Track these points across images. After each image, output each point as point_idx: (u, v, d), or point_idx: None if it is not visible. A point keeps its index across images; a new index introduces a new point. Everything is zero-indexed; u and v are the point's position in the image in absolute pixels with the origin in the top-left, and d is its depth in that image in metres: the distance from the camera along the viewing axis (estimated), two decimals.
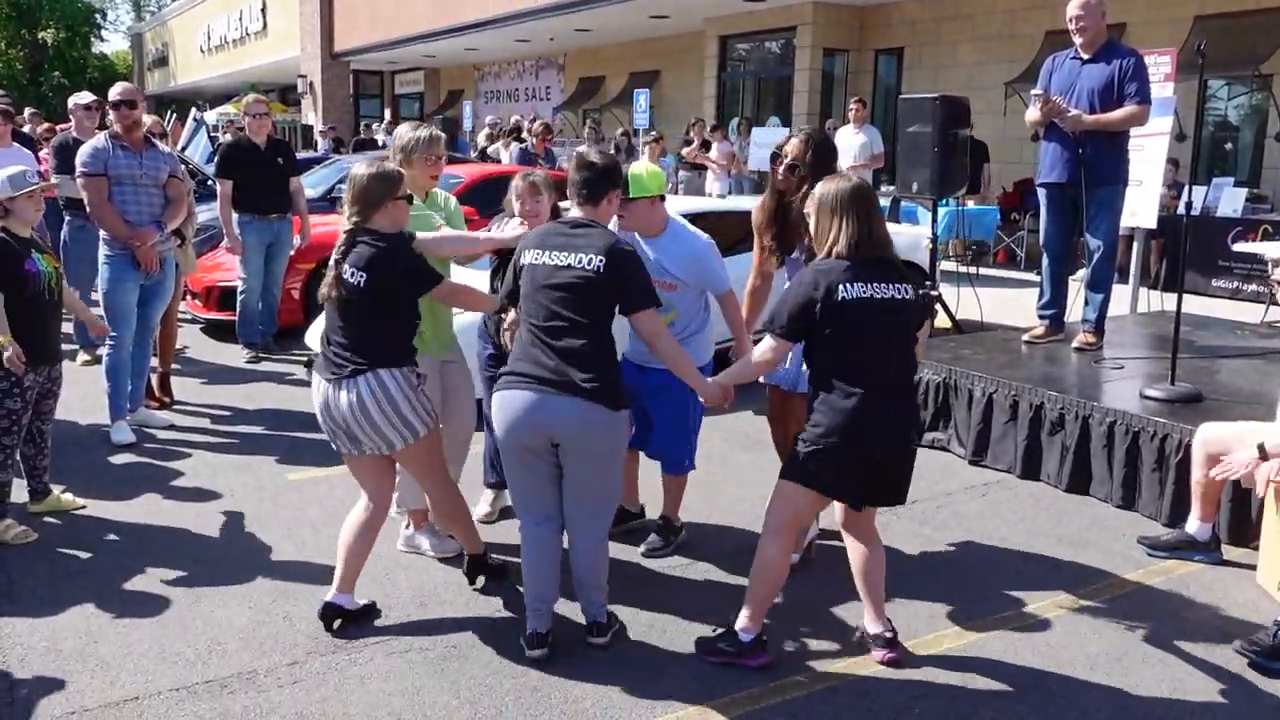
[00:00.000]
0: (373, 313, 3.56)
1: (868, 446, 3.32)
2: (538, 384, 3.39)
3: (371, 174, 3.60)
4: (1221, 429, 4.44)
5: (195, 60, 41.10)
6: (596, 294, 3.42)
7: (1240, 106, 13.44)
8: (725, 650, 3.55)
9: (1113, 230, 6.48)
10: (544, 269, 3.47)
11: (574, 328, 3.40)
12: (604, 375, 3.40)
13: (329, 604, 3.75)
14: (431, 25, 23.82)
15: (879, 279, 3.33)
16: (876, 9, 17.17)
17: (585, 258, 3.42)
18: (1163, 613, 4.01)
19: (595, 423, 3.40)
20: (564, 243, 3.49)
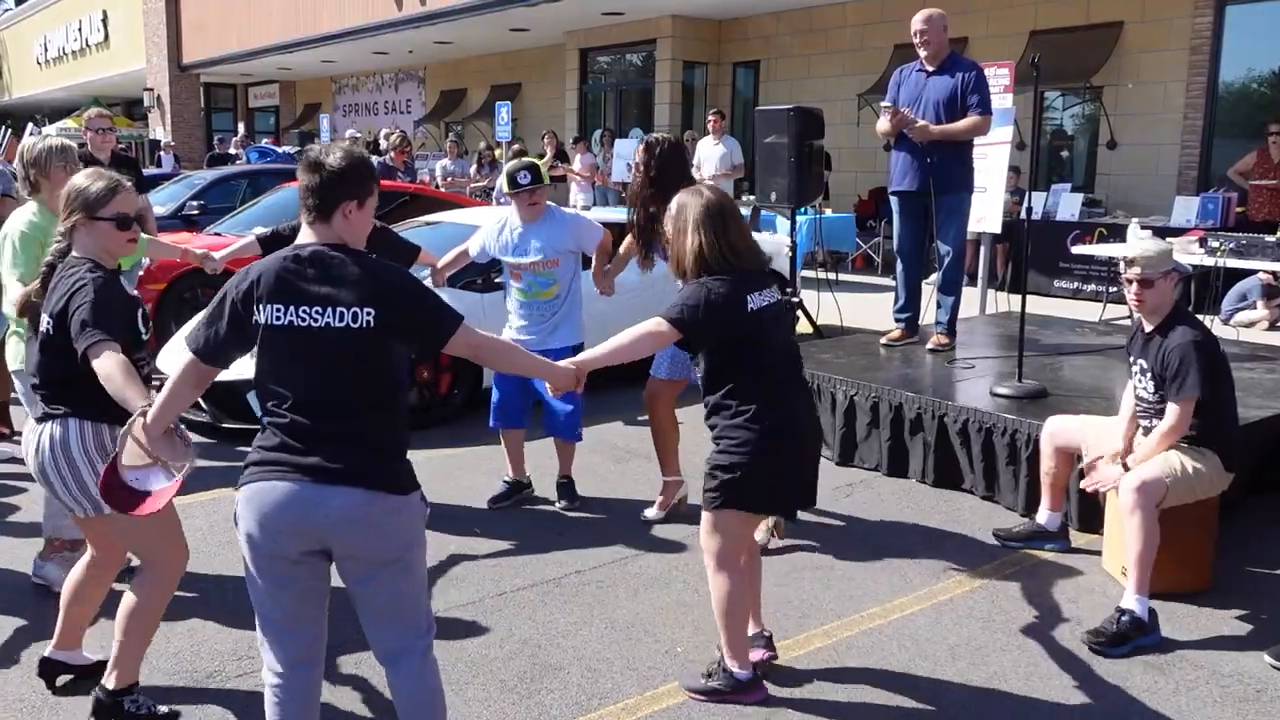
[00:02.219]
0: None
1: (796, 449, 3.32)
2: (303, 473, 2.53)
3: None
4: (1067, 422, 4.68)
5: (31, 73, 39.00)
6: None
7: (1075, 116, 14.19)
8: (719, 690, 3.40)
9: (961, 235, 6.76)
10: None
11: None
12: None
13: (47, 660, 3.43)
14: (286, 36, 23.20)
15: (767, 286, 3.38)
16: (733, 23, 17.51)
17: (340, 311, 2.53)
18: (1018, 601, 4.19)
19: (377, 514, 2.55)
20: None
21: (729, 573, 3.35)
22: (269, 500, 2.50)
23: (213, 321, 2.61)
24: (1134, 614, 3.80)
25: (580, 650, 3.72)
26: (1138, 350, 4.19)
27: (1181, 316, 4.12)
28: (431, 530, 4.86)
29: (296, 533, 2.52)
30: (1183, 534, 4.09)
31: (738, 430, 3.24)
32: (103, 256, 3.20)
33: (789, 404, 3.32)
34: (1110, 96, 12.93)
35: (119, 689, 3.17)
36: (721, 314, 3.23)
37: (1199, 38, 12.15)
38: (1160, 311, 4.09)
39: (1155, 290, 4.04)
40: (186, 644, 3.77)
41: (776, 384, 3.31)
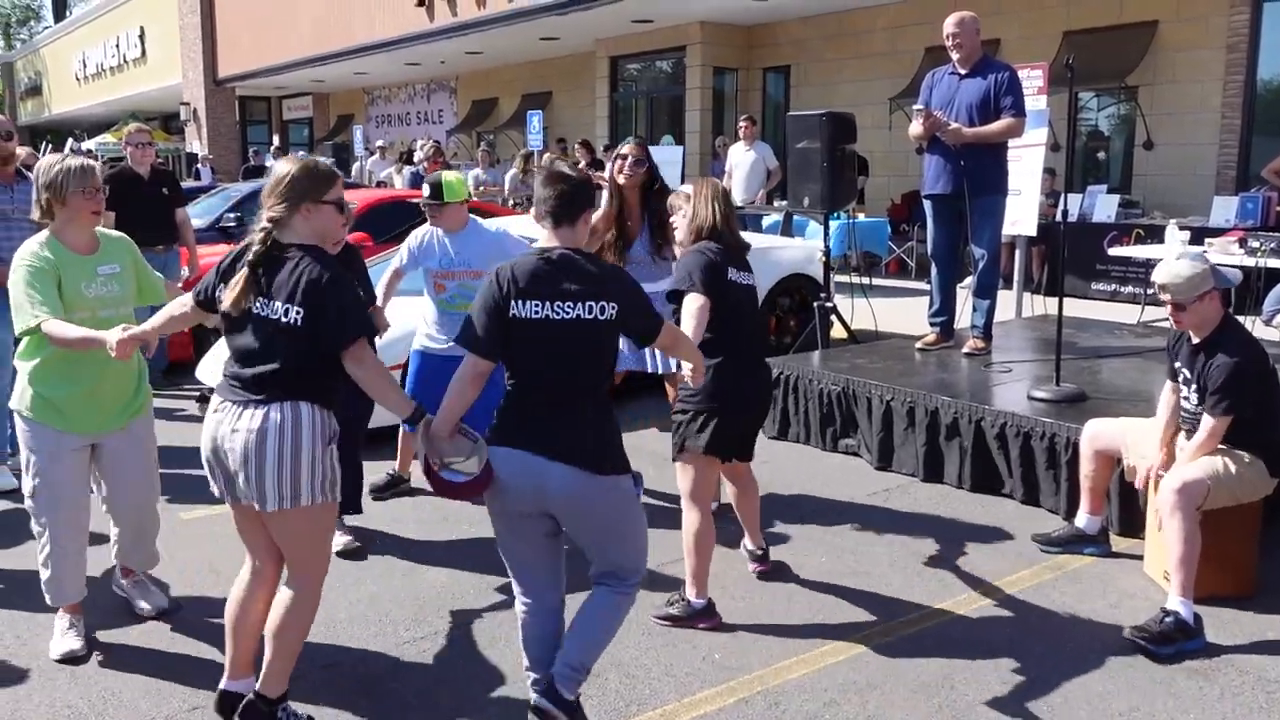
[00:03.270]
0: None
1: (741, 412, 3.94)
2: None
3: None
4: (1107, 425, 4.64)
5: (71, 89, 39.70)
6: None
7: (1110, 116, 14.05)
8: (677, 616, 3.94)
9: (996, 239, 6.72)
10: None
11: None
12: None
13: (226, 693, 3.23)
14: (318, 49, 23.46)
15: (747, 269, 4.05)
16: (763, 28, 17.50)
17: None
18: (1058, 606, 4.15)
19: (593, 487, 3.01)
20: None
21: (697, 511, 3.92)
22: (504, 466, 2.96)
23: (478, 319, 3.00)
24: (1179, 615, 3.76)
25: (618, 656, 3.72)
26: (1184, 358, 4.13)
27: (1229, 329, 4.03)
28: (474, 533, 4.90)
29: (523, 496, 2.97)
30: (1225, 538, 4.04)
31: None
32: (322, 242, 3.12)
33: (747, 372, 3.93)
34: (1146, 96, 12.80)
35: (276, 698, 3.12)
36: (715, 274, 3.85)
37: (1236, 36, 12.00)
38: (1204, 328, 4.02)
39: (1190, 313, 3.98)
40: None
41: (741, 351, 3.91)
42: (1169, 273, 3.98)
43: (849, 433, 6.22)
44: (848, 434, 6.23)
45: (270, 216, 3.01)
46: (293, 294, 2.94)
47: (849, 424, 6.21)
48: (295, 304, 2.94)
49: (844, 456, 6.16)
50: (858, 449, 6.16)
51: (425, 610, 4.14)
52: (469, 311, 3.06)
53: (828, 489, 5.57)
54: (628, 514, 3.12)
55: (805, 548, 4.75)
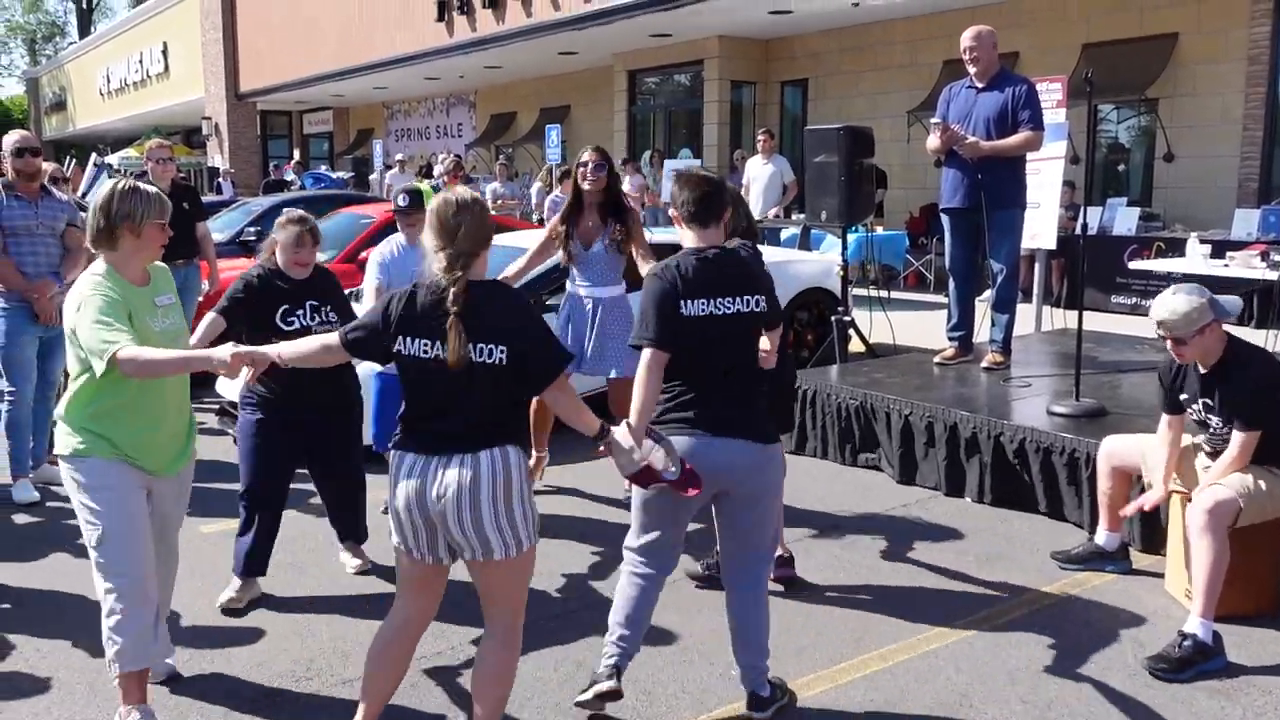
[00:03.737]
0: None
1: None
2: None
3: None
4: (1123, 441, 4.60)
5: (95, 104, 40.13)
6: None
7: (1130, 129, 13.99)
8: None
9: (1014, 252, 6.69)
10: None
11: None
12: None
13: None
14: (339, 64, 23.64)
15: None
16: (780, 42, 17.52)
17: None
18: (1078, 624, 4.11)
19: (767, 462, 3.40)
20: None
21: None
22: (688, 453, 3.15)
23: (653, 316, 3.22)
24: (1197, 638, 3.71)
25: (634, 673, 3.71)
26: (1195, 389, 4.08)
27: (1236, 350, 3.99)
28: None
29: (704, 478, 3.18)
30: (1250, 556, 3.99)
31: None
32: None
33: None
34: (1166, 109, 12.74)
35: None
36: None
37: (1257, 48, 11.93)
38: (1210, 357, 3.97)
39: (1192, 346, 3.92)
40: (256, 657, 3.82)
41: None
42: (1167, 309, 3.89)
43: (869, 447, 6.19)
44: (868, 448, 6.20)
45: (462, 260, 2.84)
46: (495, 333, 2.82)
47: (868, 438, 6.19)
48: (500, 343, 2.81)
49: (863, 471, 6.13)
50: (879, 463, 6.13)
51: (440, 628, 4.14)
52: (638, 310, 3.23)
53: (847, 503, 5.54)
54: (780, 479, 3.63)
55: (824, 563, 4.72)
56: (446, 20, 19.55)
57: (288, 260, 4.33)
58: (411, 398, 2.93)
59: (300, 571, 4.70)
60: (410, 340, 2.84)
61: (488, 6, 18.34)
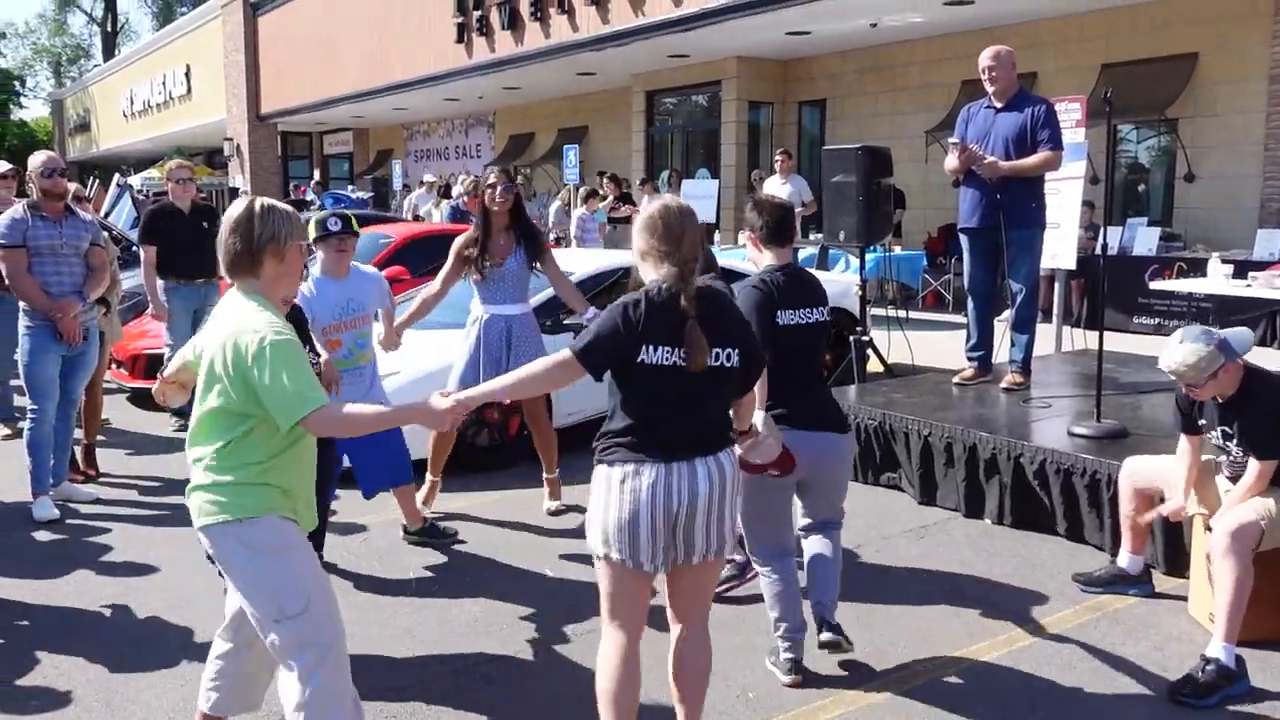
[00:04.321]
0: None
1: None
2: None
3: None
4: (1145, 462, 4.56)
5: (118, 125, 40.59)
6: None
7: (1150, 149, 13.94)
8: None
9: (1033, 272, 6.66)
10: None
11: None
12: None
13: None
14: (359, 86, 23.84)
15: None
16: (799, 62, 17.57)
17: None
18: (1100, 648, 4.06)
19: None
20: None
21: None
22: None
23: (758, 324, 3.54)
24: (1220, 662, 3.66)
25: (652, 693, 3.68)
26: (1213, 418, 4.04)
27: (1257, 384, 3.93)
28: (504, 567, 4.89)
29: (802, 466, 3.65)
30: (1273, 580, 3.94)
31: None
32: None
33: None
34: (1187, 129, 12.69)
35: None
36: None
37: (1278, 67, 11.88)
38: (1227, 391, 3.93)
39: (1208, 389, 3.88)
40: None
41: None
42: (1176, 362, 3.83)
43: (889, 467, 6.16)
44: (888, 468, 6.17)
45: (690, 266, 2.93)
46: (729, 338, 2.93)
47: (887, 458, 6.15)
48: (734, 347, 2.93)
49: (884, 490, 6.10)
50: (900, 483, 6.10)
51: (455, 640, 4.13)
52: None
53: (865, 523, 5.50)
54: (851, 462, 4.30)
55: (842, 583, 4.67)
56: (466, 41, 19.70)
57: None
58: (641, 406, 2.91)
59: None
60: (653, 347, 2.86)
61: (507, 28, 18.48)
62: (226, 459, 2.80)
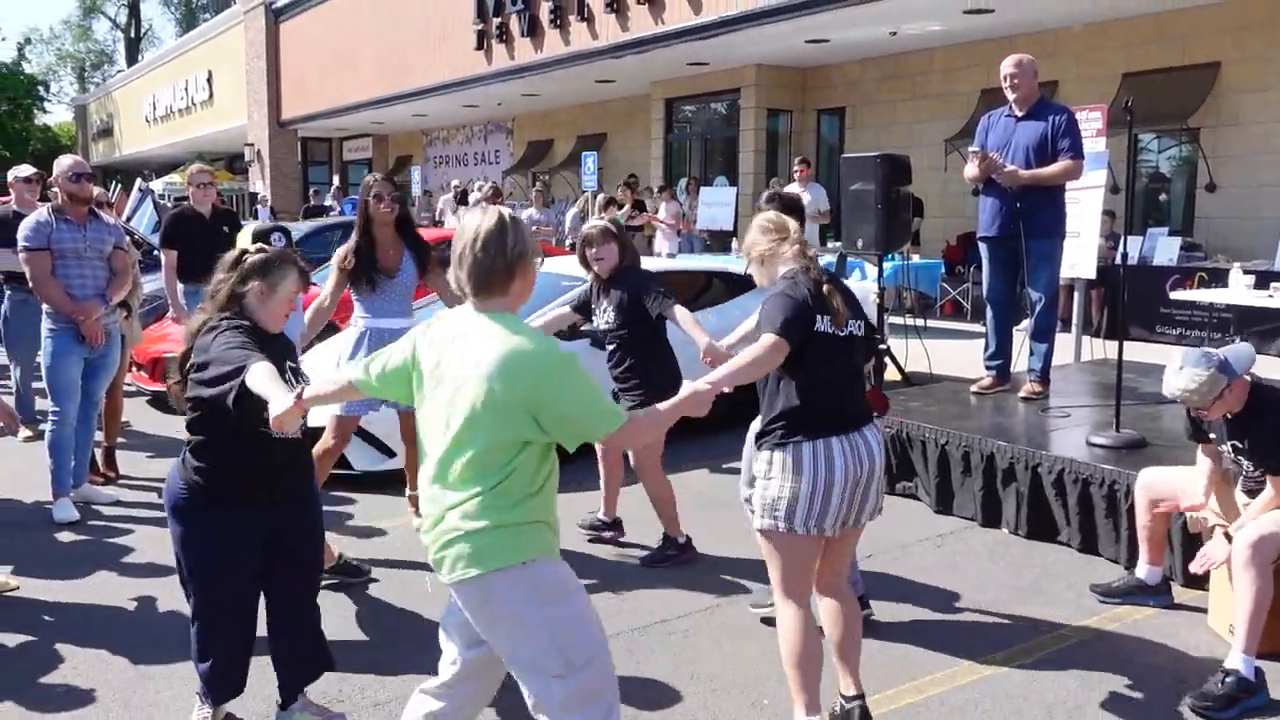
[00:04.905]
0: None
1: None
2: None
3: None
4: (1161, 473, 4.53)
5: (141, 130, 40.90)
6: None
7: (1171, 158, 13.86)
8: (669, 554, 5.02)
9: (1053, 281, 6.63)
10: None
11: None
12: None
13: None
14: (379, 92, 23.96)
15: None
16: (818, 70, 17.56)
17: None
18: (1118, 659, 4.04)
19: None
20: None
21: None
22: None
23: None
24: (1239, 674, 3.64)
25: (664, 701, 3.69)
26: (1223, 433, 4.03)
27: (1264, 400, 3.91)
28: None
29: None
30: None
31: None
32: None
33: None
34: (1209, 138, 12.61)
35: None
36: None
37: None
38: (1234, 409, 3.91)
39: (1215, 408, 3.86)
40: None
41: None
42: (1179, 388, 3.82)
43: (906, 476, 6.14)
44: (905, 477, 6.15)
45: (805, 245, 3.47)
46: (855, 309, 3.40)
47: (904, 467, 6.14)
48: (859, 318, 3.40)
49: (900, 499, 6.08)
50: (916, 491, 6.08)
51: None
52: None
53: (881, 532, 5.47)
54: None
55: None
56: (485, 49, 19.78)
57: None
58: (817, 382, 3.28)
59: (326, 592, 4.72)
60: (820, 317, 3.27)
61: (526, 35, 18.55)
62: (501, 498, 2.52)
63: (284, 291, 3.32)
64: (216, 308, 3.29)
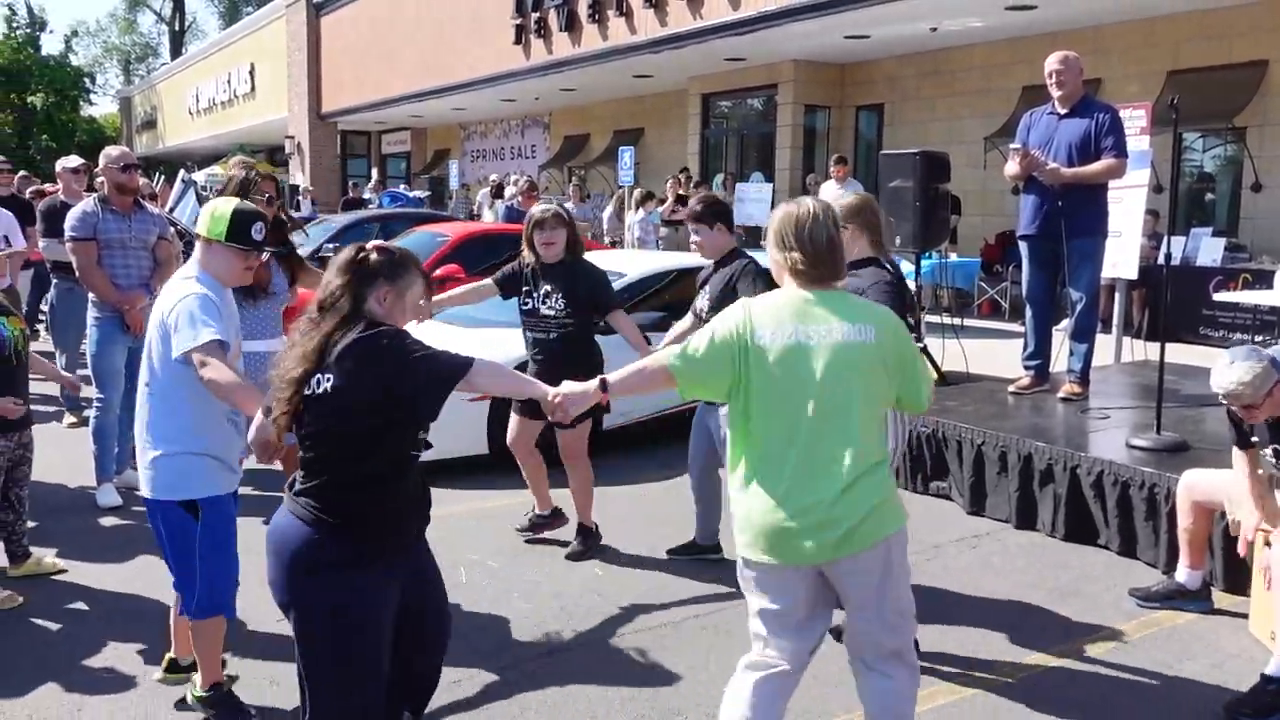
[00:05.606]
0: None
1: None
2: None
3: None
4: (1205, 476, 4.47)
5: (184, 122, 41.39)
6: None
7: (1216, 158, 13.66)
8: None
9: (1094, 281, 6.56)
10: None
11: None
12: None
13: None
14: (418, 86, 24.09)
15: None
16: (857, 66, 17.46)
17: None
18: (1155, 665, 4.00)
19: None
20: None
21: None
22: None
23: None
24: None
25: (698, 695, 3.70)
26: (1265, 435, 3.96)
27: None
28: (553, 567, 4.92)
29: None
30: None
31: None
32: None
33: None
34: (1255, 138, 12.41)
35: None
36: None
37: None
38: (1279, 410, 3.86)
39: (1265, 408, 3.81)
40: None
41: None
42: (1232, 382, 3.77)
43: (939, 475, 6.11)
44: (938, 476, 6.11)
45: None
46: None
47: (939, 466, 6.10)
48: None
49: (933, 499, 6.05)
50: (949, 492, 6.04)
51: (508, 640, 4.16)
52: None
53: (914, 533, 5.43)
54: None
55: None
56: (523, 43, 19.84)
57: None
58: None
59: None
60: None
61: (564, 30, 18.58)
62: (885, 461, 2.82)
63: (411, 298, 2.83)
64: (339, 319, 2.70)
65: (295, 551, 2.69)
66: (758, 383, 2.72)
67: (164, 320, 3.32)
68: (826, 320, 2.74)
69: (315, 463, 2.71)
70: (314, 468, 2.71)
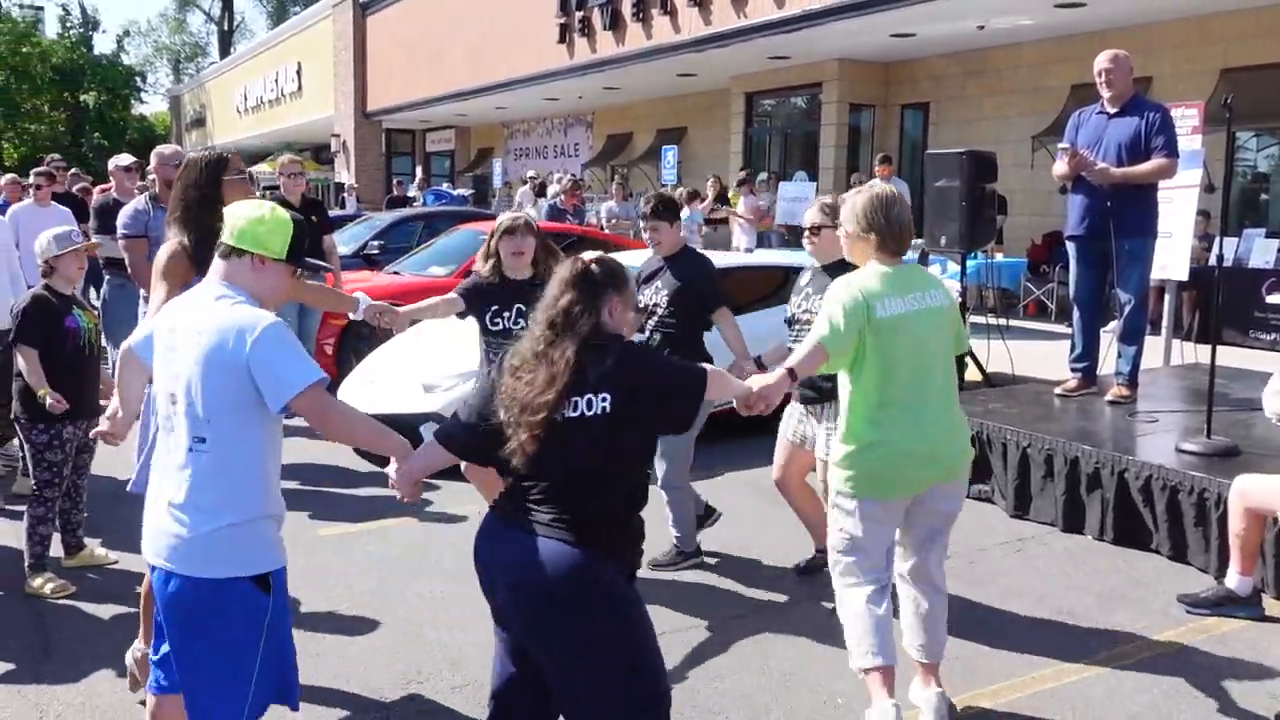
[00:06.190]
0: None
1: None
2: None
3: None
4: (1258, 481, 4.39)
5: (232, 120, 41.97)
6: None
7: (1271, 157, 13.40)
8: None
9: (1143, 282, 6.46)
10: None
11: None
12: None
13: None
14: (462, 85, 24.24)
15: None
16: (902, 64, 17.32)
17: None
18: (1204, 671, 3.93)
19: None
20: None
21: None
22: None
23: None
24: None
25: (737, 695, 3.70)
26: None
27: None
28: None
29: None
30: None
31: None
32: None
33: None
34: None
35: None
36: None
37: None
38: None
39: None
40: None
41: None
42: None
43: (982, 478, 6.05)
44: (980, 479, 6.05)
45: None
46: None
47: (983, 469, 6.04)
48: None
49: (974, 502, 5.98)
50: (991, 495, 5.98)
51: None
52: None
53: (957, 535, 5.38)
54: None
55: None
56: (567, 42, 19.89)
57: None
58: None
59: (412, 577, 4.81)
60: None
61: (608, 29, 18.61)
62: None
63: (631, 300, 2.80)
64: (584, 336, 2.59)
65: (571, 581, 2.50)
66: (881, 347, 3.25)
67: (226, 355, 2.59)
68: (914, 289, 3.34)
69: (572, 488, 2.56)
70: (570, 493, 2.56)
